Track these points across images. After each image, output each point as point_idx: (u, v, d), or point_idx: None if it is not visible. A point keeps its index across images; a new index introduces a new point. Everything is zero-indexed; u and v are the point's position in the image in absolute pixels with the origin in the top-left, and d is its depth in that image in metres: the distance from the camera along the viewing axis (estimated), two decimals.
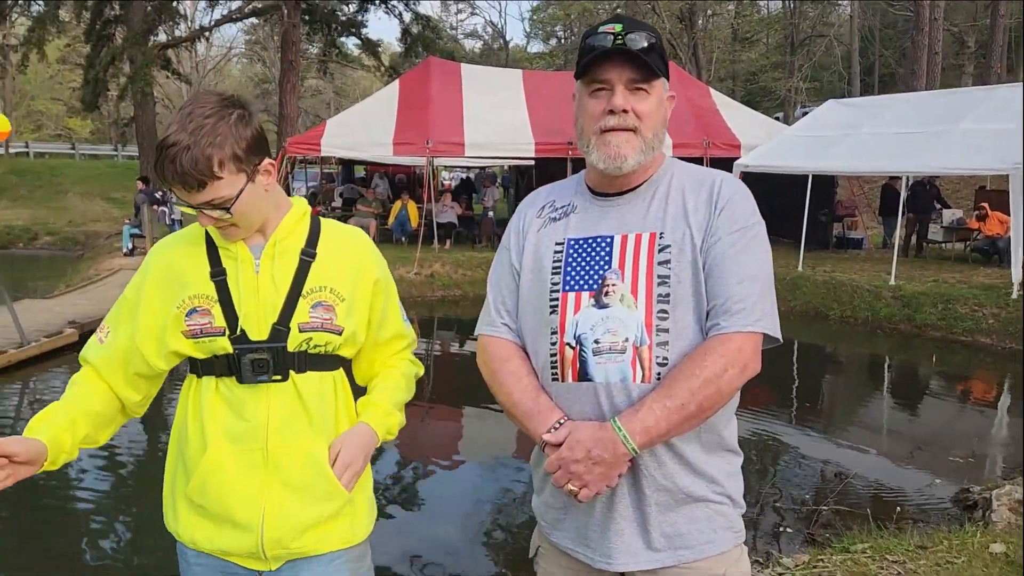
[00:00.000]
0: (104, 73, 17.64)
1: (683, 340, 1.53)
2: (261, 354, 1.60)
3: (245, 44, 51.70)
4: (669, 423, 1.47)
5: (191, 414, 1.66)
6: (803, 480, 5.73)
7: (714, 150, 15.02)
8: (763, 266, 1.57)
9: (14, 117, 46.35)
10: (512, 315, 1.70)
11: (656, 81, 1.59)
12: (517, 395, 1.61)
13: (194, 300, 1.62)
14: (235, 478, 1.62)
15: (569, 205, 1.71)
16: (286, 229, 1.68)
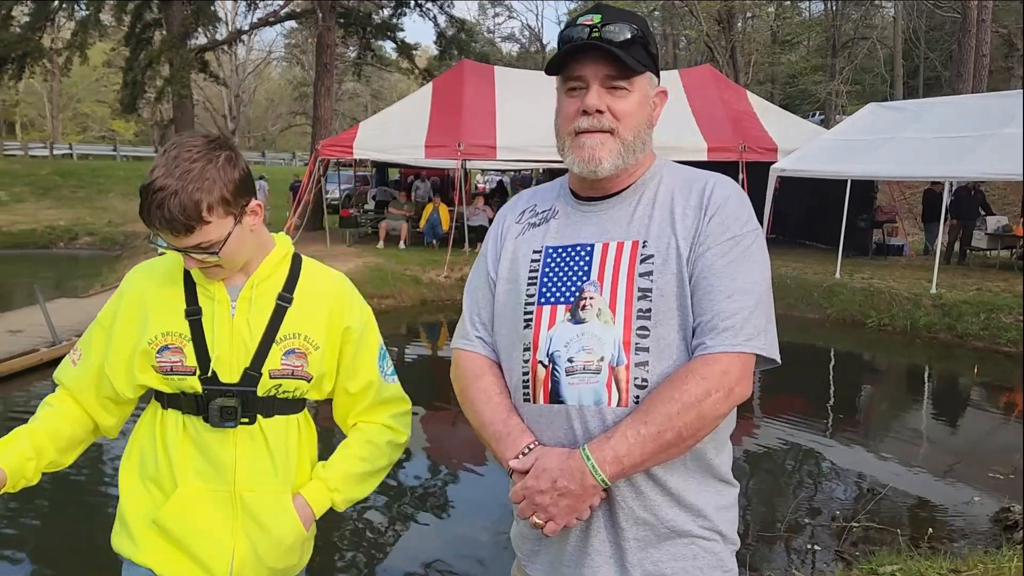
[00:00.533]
0: (142, 76, 17.90)
1: (665, 360, 1.39)
2: (230, 400, 1.59)
3: (284, 48, 52.40)
4: (644, 452, 1.32)
5: (158, 445, 1.64)
6: (836, 494, 5.55)
7: (750, 154, 14.77)
8: (757, 279, 1.41)
9: (60, 119, 47.55)
10: (487, 328, 1.57)
11: (638, 77, 1.45)
12: (487, 415, 1.48)
13: (167, 337, 1.60)
14: (205, 517, 1.61)
15: (550, 210, 1.57)
16: (266, 271, 1.66)
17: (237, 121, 49.03)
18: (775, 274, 7.38)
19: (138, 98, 18.88)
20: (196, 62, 19.16)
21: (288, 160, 40.16)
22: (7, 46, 17.96)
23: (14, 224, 22.45)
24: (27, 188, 26.61)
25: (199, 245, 1.52)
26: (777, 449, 6.49)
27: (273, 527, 1.65)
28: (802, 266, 13.99)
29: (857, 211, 14.44)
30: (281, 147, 51.36)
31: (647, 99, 1.48)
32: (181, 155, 1.49)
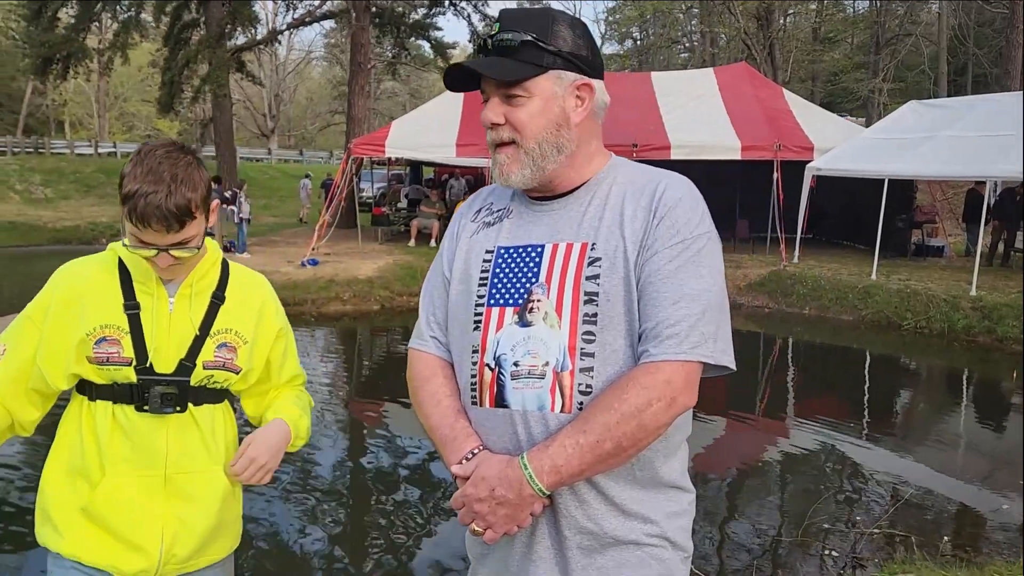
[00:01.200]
0: (179, 76, 18.22)
1: (611, 366, 1.35)
2: (170, 388, 1.69)
3: (324, 47, 52.95)
4: (582, 462, 1.29)
5: (86, 436, 1.70)
6: (860, 498, 5.42)
7: (785, 153, 14.54)
8: (707, 284, 1.36)
9: (106, 118, 48.60)
10: (442, 328, 1.54)
11: (534, 80, 1.40)
12: (435, 419, 1.47)
13: (105, 330, 1.68)
14: (134, 502, 1.69)
15: (505, 209, 1.54)
16: (201, 272, 1.77)
17: (276, 120, 49.64)
18: (809, 274, 7.38)
19: (175, 97, 19.20)
20: (233, 62, 19.42)
21: (326, 159, 40.61)
22: (52, 47, 18.41)
23: (59, 220, 23.00)
24: (72, 186, 27.26)
25: (182, 241, 1.64)
26: (807, 452, 6.38)
27: (203, 502, 1.75)
28: (837, 267, 13.76)
29: (896, 211, 14.14)
30: (320, 146, 51.96)
31: (553, 100, 1.42)
32: (163, 163, 1.61)
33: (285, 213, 25.83)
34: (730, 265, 14.05)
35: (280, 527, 4.82)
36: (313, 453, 6.15)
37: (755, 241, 15.92)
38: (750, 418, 7.60)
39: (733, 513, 5.16)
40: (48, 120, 49.26)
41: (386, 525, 4.88)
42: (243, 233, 15.29)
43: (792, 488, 5.67)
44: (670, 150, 14.88)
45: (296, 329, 9.03)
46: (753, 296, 13.27)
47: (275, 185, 31.31)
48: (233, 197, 15.41)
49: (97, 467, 1.68)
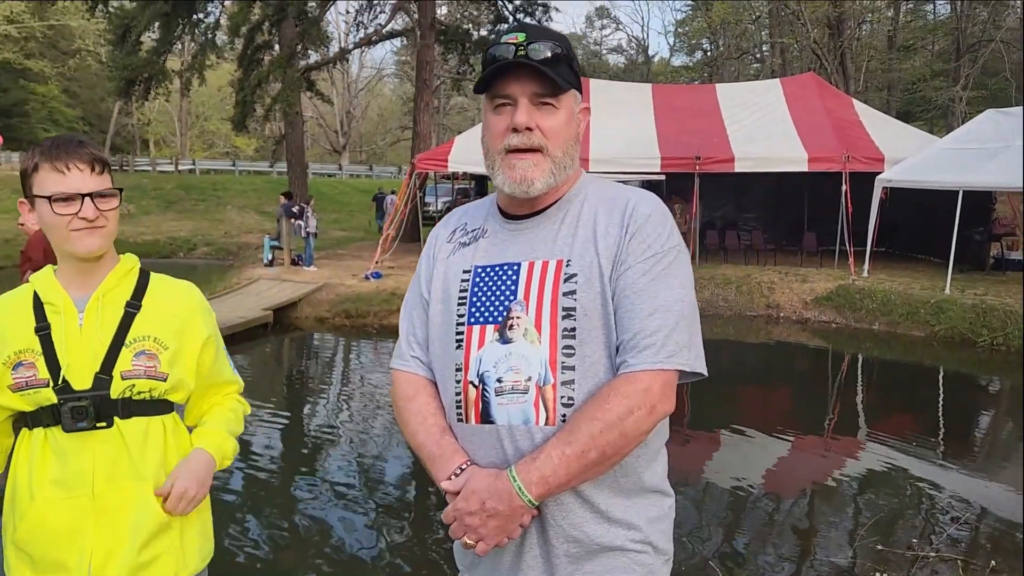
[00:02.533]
0: (252, 95, 18.84)
1: (592, 379, 1.40)
2: (81, 402, 1.64)
3: (394, 64, 53.99)
4: (569, 472, 1.34)
5: (19, 465, 1.70)
6: (919, 520, 5.22)
7: (854, 164, 14.16)
8: (679, 295, 1.42)
9: (188, 136, 50.52)
10: (423, 347, 1.59)
11: (564, 95, 1.47)
12: (421, 437, 1.51)
13: (20, 355, 1.66)
14: (62, 525, 1.65)
15: (480, 229, 1.58)
16: (112, 282, 1.74)
17: (348, 136, 50.78)
18: (879, 289, 7.18)
19: (247, 116, 19.84)
20: (303, 81, 19.98)
21: (395, 173, 41.31)
22: (134, 69, 19.27)
23: (140, 235, 23.96)
24: (153, 201, 28.43)
25: (104, 191, 1.67)
26: (873, 472, 6.20)
27: (133, 520, 1.69)
28: (909, 281, 13.31)
29: (972, 223, 13.60)
30: (390, 161, 52.90)
31: (573, 116, 1.50)
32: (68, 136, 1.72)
33: (354, 227, 26.37)
34: (796, 279, 13.77)
35: (345, 536, 4.92)
36: (380, 463, 6.26)
37: (823, 254, 15.53)
38: (817, 437, 7.40)
39: (790, 531, 5.03)
40: (134, 139, 51.51)
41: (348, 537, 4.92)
42: (310, 247, 15.68)
43: (852, 508, 5.50)
44: (734, 163, 14.67)
45: (358, 340, 9.23)
46: (820, 311, 12.93)
47: (345, 200, 32.02)
48: (301, 212, 15.82)
49: (27, 496, 1.66)
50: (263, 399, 8.28)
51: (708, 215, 17.67)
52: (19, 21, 37.47)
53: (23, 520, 1.66)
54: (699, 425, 7.64)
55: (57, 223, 1.64)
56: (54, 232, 1.67)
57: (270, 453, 6.61)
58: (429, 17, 19.87)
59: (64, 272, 1.73)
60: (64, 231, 1.65)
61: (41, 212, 1.66)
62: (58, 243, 1.69)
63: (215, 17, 20.84)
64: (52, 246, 1.72)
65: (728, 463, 6.52)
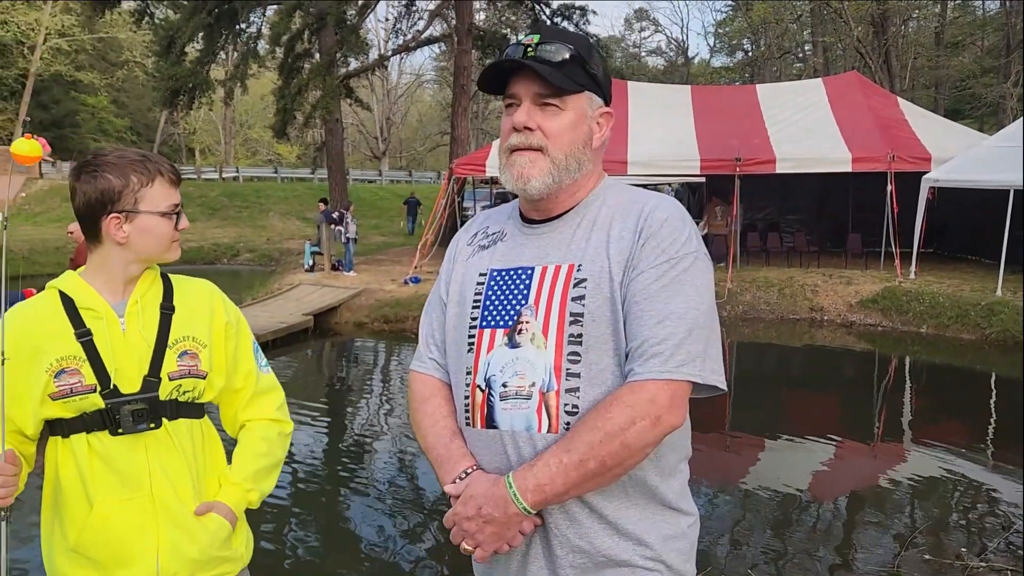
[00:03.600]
0: (292, 103, 19.10)
1: (597, 386, 1.36)
2: (139, 404, 1.67)
3: (433, 70, 54.32)
4: (566, 481, 1.31)
5: (65, 473, 1.69)
6: (969, 529, 5.07)
7: (900, 164, 13.84)
8: (693, 303, 1.35)
9: (232, 144, 51.44)
10: (441, 350, 1.57)
11: (572, 97, 1.43)
12: (431, 439, 1.50)
13: (62, 362, 1.66)
14: (125, 526, 1.67)
15: (500, 232, 1.57)
16: (143, 287, 1.77)
17: (388, 142, 51.20)
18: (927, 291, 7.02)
19: (288, 124, 20.12)
20: (342, 88, 20.19)
21: (433, 179, 41.54)
22: (179, 79, 19.67)
23: (185, 242, 23.93)
24: (198, 209, 28.93)
25: (180, 204, 1.77)
26: (920, 478, 6.06)
27: (193, 518, 1.73)
28: (959, 283, 12.98)
29: None
30: (430, 166, 53.21)
31: (583, 119, 1.46)
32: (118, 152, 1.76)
33: (393, 232, 26.56)
34: (840, 281, 13.51)
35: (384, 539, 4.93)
36: (419, 468, 6.28)
37: (868, 256, 15.22)
38: (863, 442, 7.24)
39: (833, 539, 4.92)
40: (180, 147, 52.57)
41: None
42: (350, 252, 15.82)
43: (899, 516, 5.36)
44: (775, 163, 14.46)
45: (397, 345, 9.29)
46: (865, 314, 12.67)
47: (385, 206, 32.26)
48: (340, 218, 15.98)
49: (84, 502, 1.67)
50: (304, 403, 8.36)
51: (749, 217, 17.44)
52: (70, 34, 38.55)
53: (84, 528, 1.67)
54: (742, 430, 7.53)
55: (168, 236, 1.74)
56: (160, 242, 1.74)
57: (311, 456, 6.66)
58: (466, 23, 19.96)
59: (100, 278, 1.74)
60: (168, 242, 1.75)
61: (150, 225, 1.71)
62: (156, 253, 1.75)
63: (257, 27, 21.21)
64: (134, 255, 1.72)
65: (771, 469, 6.40)
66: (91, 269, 1.75)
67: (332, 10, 18.54)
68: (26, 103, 37.74)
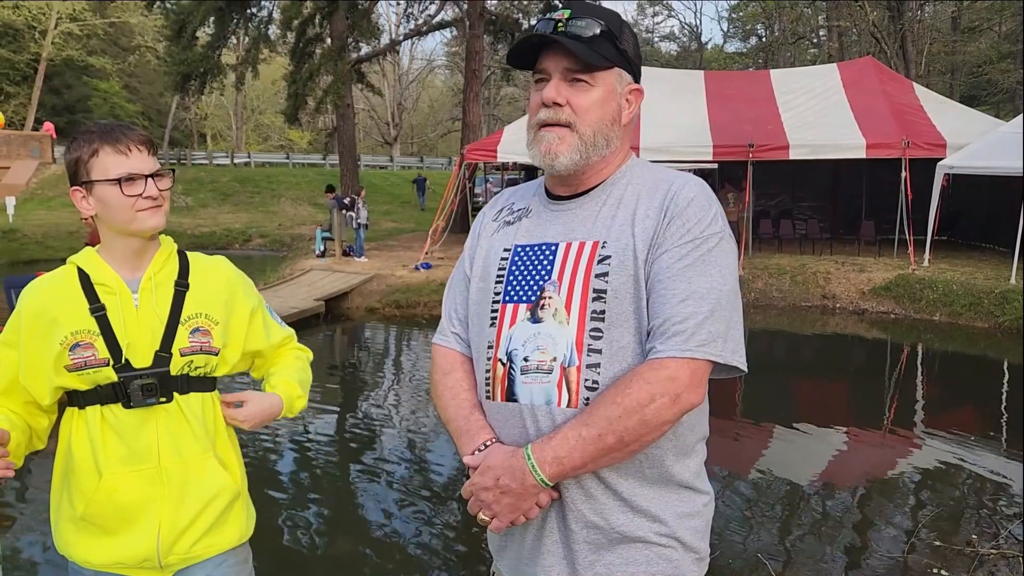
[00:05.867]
0: (303, 88, 19.09)
1: (618, 363, 1.37)
2: (148, 379, 1.71)
3: (445, 55, 54.15)
4: (584, 455, 1.32)
5: (76, 443, 1.74)
6: (980, 516, 5.05)
7: (914, 150, 13.73)
8: (717, 283, 1.36)
9: (243, 130, 51.50)
10: (463, 324, 1.60)
11: (602, 73, 1.43)
12: (451, 411, 1.52)
13: (76, 336, 1.70)
14: (131, 496, 1.73)
15: (525, 208, 1.58)
16: (158, 264, 1.80)
17: (399, 128, 51.13)
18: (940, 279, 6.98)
19: (299, 109, 20.12)
20: (354, 73, 20.15)
21: (444, 165, 41.50)
22: (190, 64, 19.67)
23: (197, 227, 24.50)
24: (210, 194, 29.01)
25: (159, 169, 1.74)
26: (932, 467, 6.04)
27: (197, 489, 1.78)
28: (972, 270, 12.90)
29: None
30: (441, 152, 53.16)
31: (613, 95, 1.46)
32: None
33: (404, 218, 26.57)
34: (853, 268, 13.44)
35: (396, 522, 4.97)
36: (431, 451, 6.31)
37: (881, 243, 15.13)
38: (874, 430, 7.22)
39: (844, 526, 4.92)
40: (192, 133, 52.69)
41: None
42: (360, 238, 15.84)
43: (910, 503, 5.35)
44: (788, 150, 14.37)
45: (408, 330, 9.29)
46: (878, 301, 12.60)
47: (396, 192, 32.25)
48: (352, 203, 15.99)
49: (93, 472, 1.72)
50: (315, 387, 8.37)
51: (762, 204, 17.35)
52: (81, 19, 38.61)
53: (92, 498, 1.72)
54: (752, 418, 7.52)
55: (125, 204, 1.70)
56: (119, 213, 1.71)
57: (322, 440, 6.70)
58: (478, 7, 19.85)
59: (113, 254, 1.77)
60: (130, 212, 1.70)
61: (104, 195, 1.70)
62: (122, 224, 1.72)
63: (268, 11, 21.14)
64: (110, 229, 1.75)
65: (782, 456, 6.39)
66: (102, 246, 1.80)
67: None
68: (38, 88, 37.87)
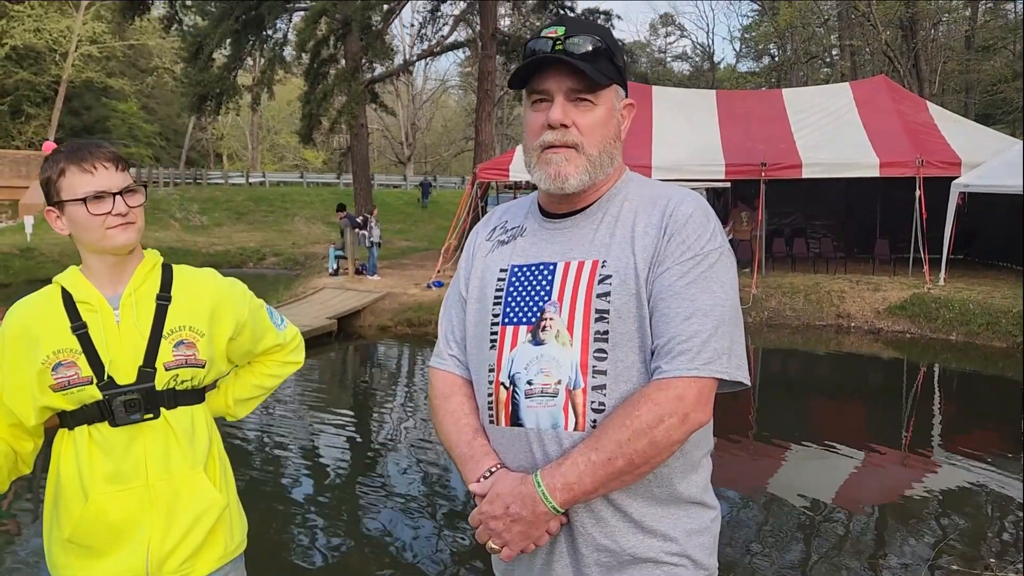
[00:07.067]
0: (317, 108, 19.25)
1: (625, 384, 1.35)
2: (131, 395, 1.69)
3: (459, 76, 54.53)
4: (595, 479, 1.30)
5: (64, 465, 1.72)
6: (999, 539, 4.97)
7: (929, 168, 13.65)
8: (719, 299, 1.35)
9: (259, 150, 51.92)
10: (460, 346, 1.57)
11: (604, 91, 1.42)
12: (453, 436, 1.49)
13: (59, 355, 1.68)
14: (120, 516, 1.70)
15: (519, 228, 1.55)
16: (140, 278, 1.78)
17: (413, 147, 51.43)
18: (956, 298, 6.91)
19: (313, 129, 20.27)
20: (367, 93, 20.31)
21: (457, 184, 41.66)
22: (206, 85, 19.92)
23: (212, 245, 24.69)
24: (225, 213, 29.27)
25: (129, 185, 1.71)
26: (951, 487, 5.95)
27: (187, 506, 1.75)
28: (989, 289, 12.77)
29: None
30: (454, 171, 53.40)
31: (613, 112, 1.45)
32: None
33: (417, 237, 26.67)
34: (868, 287, 13.34)
35: (408, 542, 4.93)
36: (442, 470, 6.28)
37: (896, 262, 15.02)
38: (890, 451, 7.13)
39: (859, 549, 4.84)
40: (208, 153, 53.18)
41: None
42: (374, 256, 15.89)
43: (927, 526, 5.27)
44: (801, 168, 14.32)
45: (420, 348, 9.29)
46: (893, 320, 12.49)
47: (409, 211, 32.42)
48: (364, 222, 16.06)
49: (79, 494, 1.69)
50: (328, 406, 8.40)
51: (775, 222, 17.29)
52: (101, 42, 39.16)
53: (79, 520, 1.69)
54: (767, 437, 7.44)
55: (93, 223, 1.68)
56: (89, 232, 1.69)
57: (335, 459, 6.69)
58: (491, 28, 19.99)
59: (93, 271, 1.76)
60: (100, 230, 1.69)
61: (74, 215, 1.69)
62: (93, 242, 1.71)
63: (283, 33, 21.40)
64: (83, 247, 1.74)
65: (796, 476, 6.32)
66: (83, 264, 1.79)
67: (357, 16, 18.66)
68: (58, 109, 38.38)
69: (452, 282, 1.64)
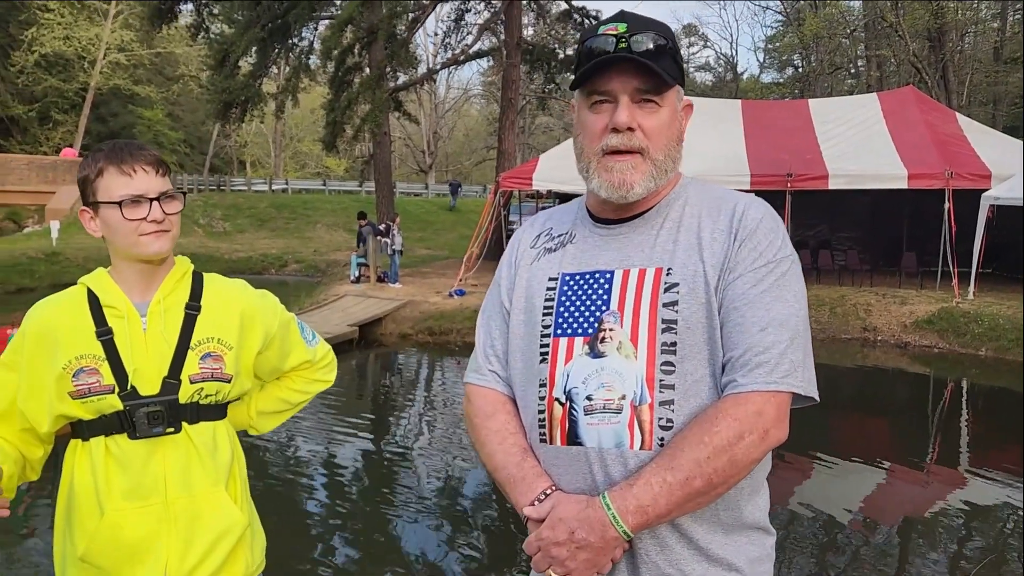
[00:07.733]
0: (342, 116, 19.35)
1: (694, 399, 1.26)
2: (155, 407, 1.60)
3: (481, 84, 54.70)
4: (670, 501, 1.20)
5: (79, 478, 1.63)
6: None
7: (958, 181, 13.45)
8: (794, 310, 1.26)
9: (282, 157, 52.31)
10: (502, 361, 1.46)
11: (669, 91, 1.33)
12: (499, 457, 1.38)
13: (81, 360, 1.60)
14: (136, 534, 1.61)
15: (567, 234, 1.46)
16: (169, 286, 1.70)
17: (435, 156, 51.60)
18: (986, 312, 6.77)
19: (337, 137, 20.36)
20: (391, 102, 20.41)
21: (479, 192, 41.70)
22: (232, 93, 20.09)
23: (234, 252, 24.83)
24: (247, 220, 29.43)
25: (168, 191, 1.64)
26: (979, 506, 5.80)
27: (207, 525, 1.66)
28: (1019, 304, 12.51)
29: None
30: (476, 180, 53.49)
31: (676, 114, 1.37)
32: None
33: (439, 245, 26.68)
34: (895, 301, 13.15)
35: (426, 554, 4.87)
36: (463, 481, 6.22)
37: (924, 275, 14.79)
38: (917, 468, 6.98)
39: (884, 569, 4.72)
40: (232, 160, 53.65)
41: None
42: (395, 264, 15.90)
43: (955, 546, 5.13)
44: (827, 179, 14.17)
45: (441, 357, 9.25)
46: (921, 335, 12.29)
47: (431, 219, 32.45)
48: (387, 230, 16.07)
49: (95, 510, 1.60)
50: (349, 414, 8.36)
51: (800, 234, 17.10)
52: (129, 49, 39.67)
53: (93, 537, 1.61)
54: (791, 451, 7.31)
55: (126, 227, 1.61)
56: (122, 237, 1.62)
57: (355, 467, 6.65)
58: (515, 37, 20.02)
59: (122, 275, 1.68)
60: (133, 236, 1.61)
61: (108, 218, 1.62)
62: (125, 248, 1.64)
63: (308, 41, 21.61)
64: (114, 251, 1.67)
65: (820, 492, 6.19)
66: (112, 267, 1.71)
67: (383, 25, 18.76)
68: (85, 115, 38.88)
69: (490, 292, 1.54)
